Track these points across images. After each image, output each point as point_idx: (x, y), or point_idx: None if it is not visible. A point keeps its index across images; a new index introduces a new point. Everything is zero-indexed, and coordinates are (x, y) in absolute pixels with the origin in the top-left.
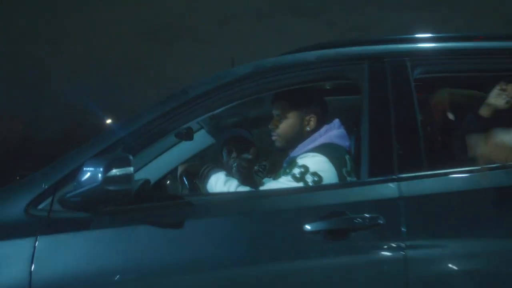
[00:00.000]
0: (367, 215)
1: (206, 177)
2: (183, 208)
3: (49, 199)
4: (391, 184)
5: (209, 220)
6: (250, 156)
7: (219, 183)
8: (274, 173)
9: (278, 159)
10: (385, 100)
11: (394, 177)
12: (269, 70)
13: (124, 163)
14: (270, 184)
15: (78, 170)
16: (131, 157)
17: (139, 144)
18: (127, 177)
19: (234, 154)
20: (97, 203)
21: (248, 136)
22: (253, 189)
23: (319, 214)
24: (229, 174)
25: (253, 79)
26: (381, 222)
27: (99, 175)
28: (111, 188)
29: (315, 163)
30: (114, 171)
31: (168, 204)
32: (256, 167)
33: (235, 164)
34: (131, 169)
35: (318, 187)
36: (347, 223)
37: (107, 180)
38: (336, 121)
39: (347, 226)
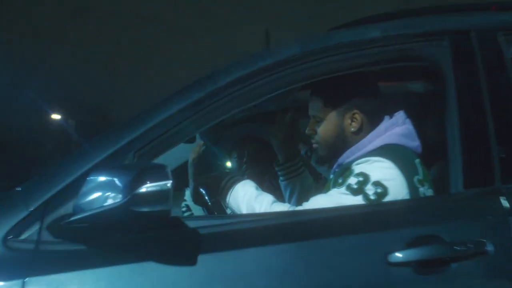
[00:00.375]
0: (470, 240)
1: (229, 190)
2: (226, 236)
3: (36, 226)
4: (496, 198)
5: (255, 251)
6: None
7: (248, 197)
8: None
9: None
10: (477, 88)
11: (498, 188)
12: (323, 50)
13: (161, 175)
14: (318, 200)
15: (78, 184)
16: (168, 167)
17: (154, 148)
18: (164, 194)
19: (245, 159)
20: (113, 230)
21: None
22: (295, 207)
23: (404, 240)
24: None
25: (302, 60)
26: (489, 249)
27: (123, 191)
28: (142, 209)
29: (377, 170)
30: (147, 186)
31: (203, 231)
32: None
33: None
34: (170, 183)
35: (394, 202)
36: (445, 250)
37: (137, 198)
38: (400, 114)
39: (445, 255)
